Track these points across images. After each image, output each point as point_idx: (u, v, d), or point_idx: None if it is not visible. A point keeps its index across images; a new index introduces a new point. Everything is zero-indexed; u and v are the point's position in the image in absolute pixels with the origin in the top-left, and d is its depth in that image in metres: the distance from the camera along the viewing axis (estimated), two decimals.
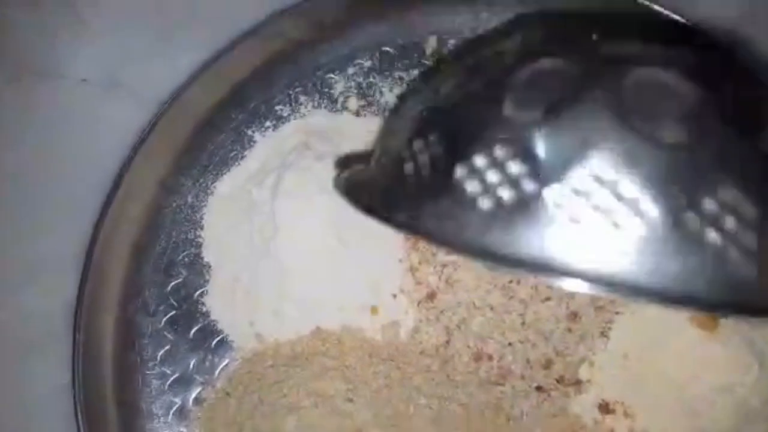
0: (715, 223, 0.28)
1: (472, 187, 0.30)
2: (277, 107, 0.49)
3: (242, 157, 0.48)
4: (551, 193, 0.29)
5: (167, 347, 0.46)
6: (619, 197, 0.28)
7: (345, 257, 0.45)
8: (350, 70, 0.49)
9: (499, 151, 0.30)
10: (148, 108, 0.47)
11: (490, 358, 0.44)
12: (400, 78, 0.48)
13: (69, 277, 0.46)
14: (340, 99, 0.49)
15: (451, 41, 0.48)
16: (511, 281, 0.44)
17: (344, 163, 0.45)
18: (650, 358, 0.42)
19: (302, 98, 0.49)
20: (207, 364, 0.46)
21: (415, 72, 0.48)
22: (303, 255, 0.45)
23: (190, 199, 0.48)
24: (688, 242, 0.28)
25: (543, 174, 0.29)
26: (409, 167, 0.33)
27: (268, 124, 0.48)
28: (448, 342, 0.45)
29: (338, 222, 0.45)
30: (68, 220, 0.47)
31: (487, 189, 0.30)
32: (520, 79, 0.31)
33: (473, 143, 0.30)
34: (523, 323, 0.44)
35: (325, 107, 0.49)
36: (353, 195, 0.36)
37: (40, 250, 0.47)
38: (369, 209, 0.33)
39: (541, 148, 0.29)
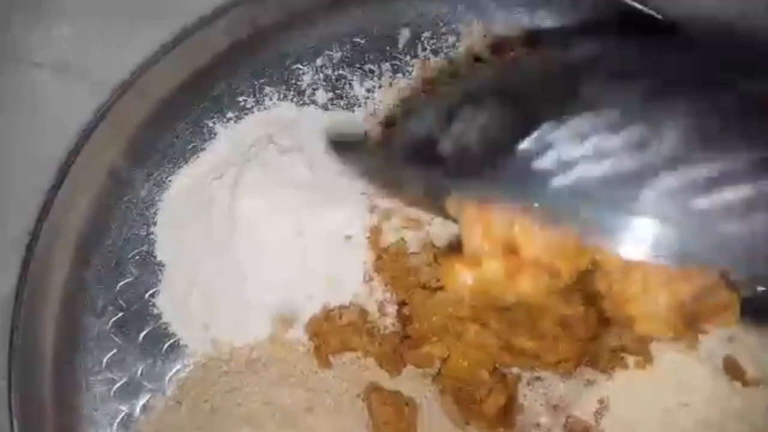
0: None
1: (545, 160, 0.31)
2: (240, 98, 0.47)
3: (201, 150, 0.47)
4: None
5: (114, 351, 0.44)
6: None
7: (307, 258, 0.44)
8: (319, 61, 0.47)
9: (578, 126, 0.31)
10: (102, 93, 0.46)
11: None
12: (371, 71, 0.47)
13: (7, 271, 0.44)
14: (308, 91, 0.47)
15: (425, 33, 0.47)
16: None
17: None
18: (669, 408, 0.42)
19: (267, 89, 0.47)
20: (157, 369, 0.44)
21: (387, 65, 0.46)
22: (263, 255, 0.44)
23: (143, 193, 0.46)
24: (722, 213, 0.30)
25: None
26: (446, 145, 0.34)
27: (230, 115, 0.47)
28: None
29: (301, 221, 0.44)
30: (10, 209, 0.45)
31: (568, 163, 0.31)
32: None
33: (545, 119, 0.31)
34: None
35: (292, 99, 0.47)
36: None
37: None
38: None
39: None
